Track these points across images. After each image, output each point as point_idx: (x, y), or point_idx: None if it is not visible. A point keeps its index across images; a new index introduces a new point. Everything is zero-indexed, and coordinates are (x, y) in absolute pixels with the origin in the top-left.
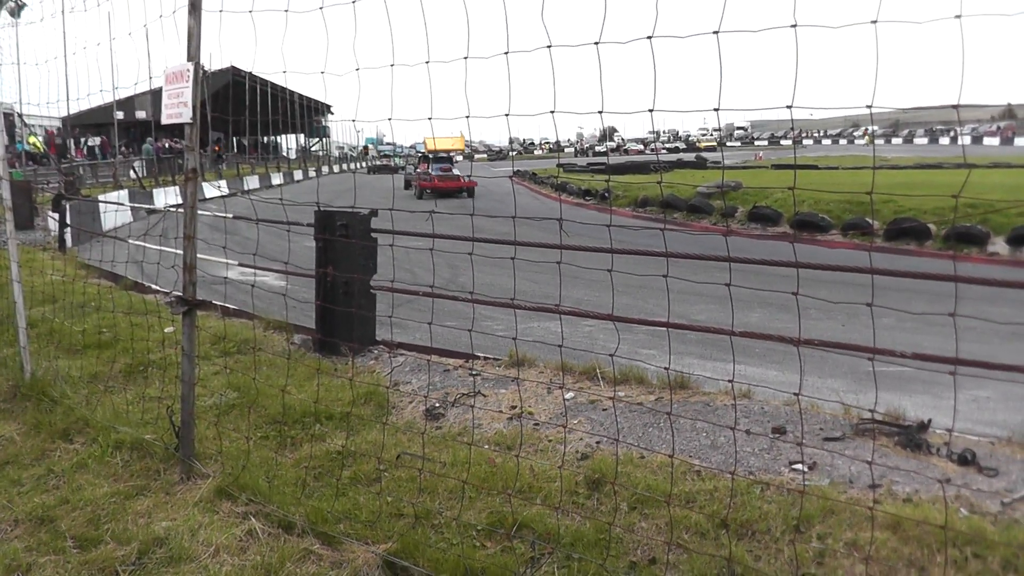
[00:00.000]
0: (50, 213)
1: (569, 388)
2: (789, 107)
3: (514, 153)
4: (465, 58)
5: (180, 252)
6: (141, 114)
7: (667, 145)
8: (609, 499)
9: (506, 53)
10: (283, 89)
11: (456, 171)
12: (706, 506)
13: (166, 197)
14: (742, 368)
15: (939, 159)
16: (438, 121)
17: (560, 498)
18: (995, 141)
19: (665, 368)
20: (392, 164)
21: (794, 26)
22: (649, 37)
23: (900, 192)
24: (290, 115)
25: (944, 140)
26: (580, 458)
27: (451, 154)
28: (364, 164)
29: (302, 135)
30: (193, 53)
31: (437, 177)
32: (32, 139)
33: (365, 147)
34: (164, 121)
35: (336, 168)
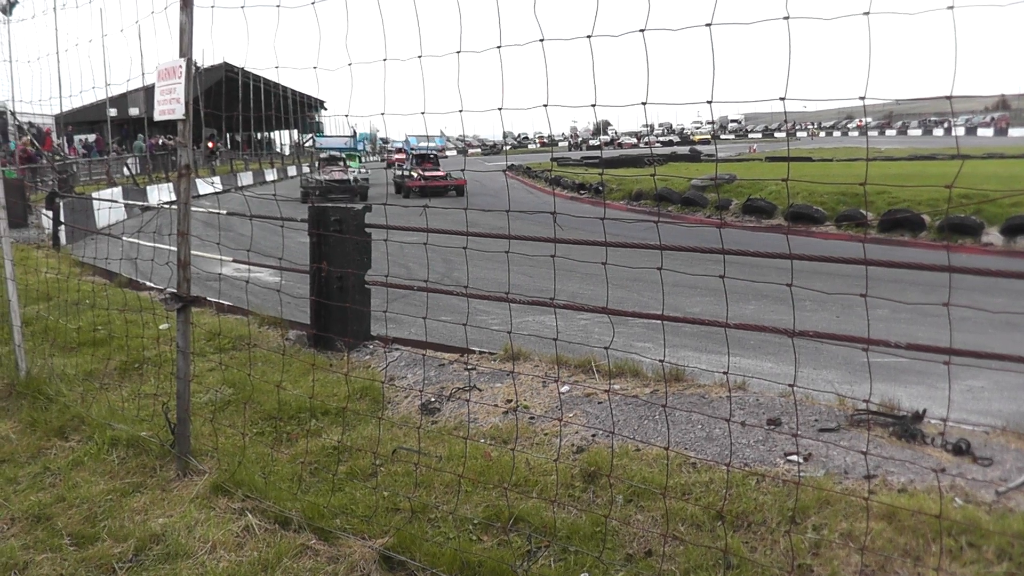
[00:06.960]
0: (44, 211)
1: (564, 381)
2: (783, 99)
3: (508, 147)
4: (458, 52)
5: (174, 249)
6: (134, 111)
7: (661, 138)
8: (605, 492)
9: (499, 47)
10: (276, 85)
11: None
12: (702, 498)
13: (160, 194)
14: (737, 360)
15: (933, 150)
16: (430, 116)
17: (556, 491)
18: (989, 132)
19: (660, 361)
20: (354, 179)
21: (787, 18)
22: (642, 30)
23: (894, 183)
24: (283, 111)
25: (938, 131)
26: (576, 451)
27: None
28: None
29: (296, 131)
30: (185, 49)
31: None
32: (25, 138)
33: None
34: (157, 117)
35: None
